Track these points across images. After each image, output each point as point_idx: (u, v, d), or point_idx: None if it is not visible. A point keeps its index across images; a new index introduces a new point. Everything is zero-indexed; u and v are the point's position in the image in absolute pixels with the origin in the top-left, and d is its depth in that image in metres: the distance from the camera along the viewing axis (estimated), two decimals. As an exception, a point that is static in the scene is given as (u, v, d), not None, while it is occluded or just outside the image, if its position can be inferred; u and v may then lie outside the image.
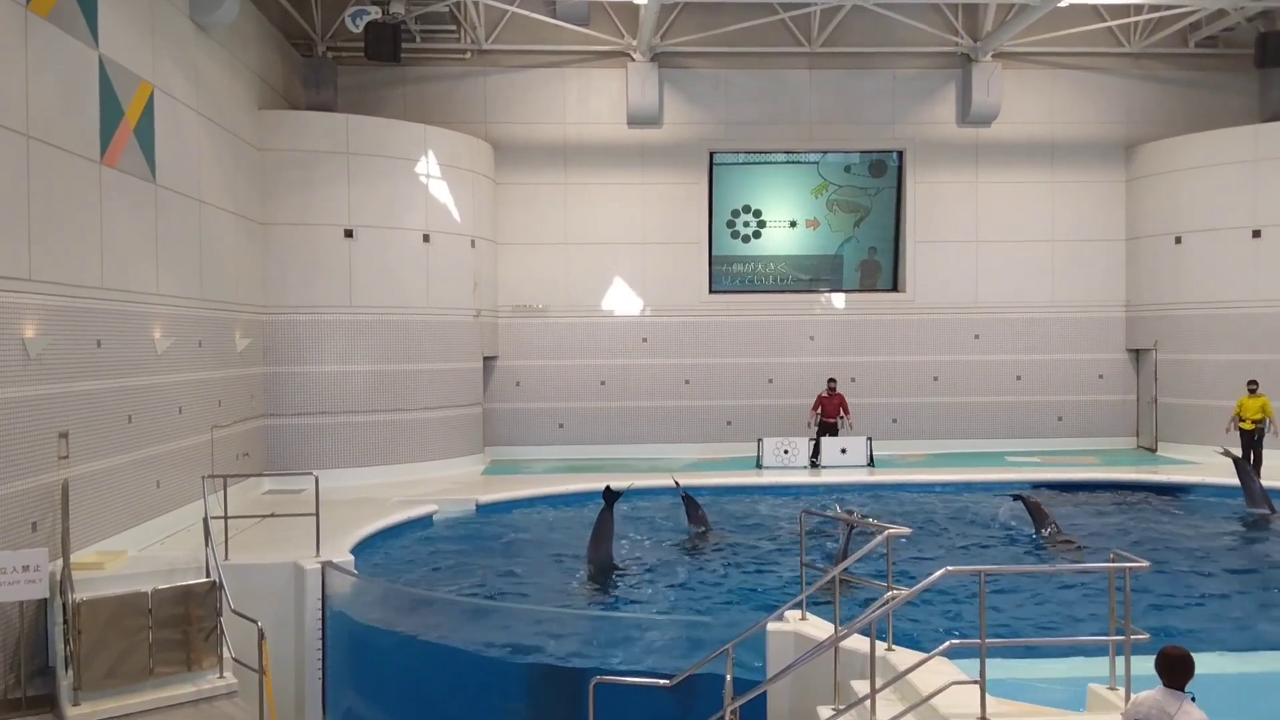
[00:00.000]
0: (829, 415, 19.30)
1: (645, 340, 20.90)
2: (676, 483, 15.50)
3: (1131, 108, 21.37)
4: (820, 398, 19.48)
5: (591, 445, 20.58)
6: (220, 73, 14.73)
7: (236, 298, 15.29)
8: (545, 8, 19.91)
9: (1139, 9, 20.08)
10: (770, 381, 20.97)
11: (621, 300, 20.93)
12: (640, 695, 7.76)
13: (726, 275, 21.60)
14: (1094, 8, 20.25)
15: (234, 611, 9.16)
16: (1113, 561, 6.59)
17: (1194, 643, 6.01)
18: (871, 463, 18.80)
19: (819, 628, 8.15)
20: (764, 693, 7.50)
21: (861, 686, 6.95)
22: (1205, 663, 5.29)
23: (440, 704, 9.30)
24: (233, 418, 14.86)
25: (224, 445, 14.32)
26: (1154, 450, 20.53)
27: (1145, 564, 6.54)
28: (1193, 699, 5.06)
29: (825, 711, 7.07)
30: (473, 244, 19.05)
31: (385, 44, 18.13)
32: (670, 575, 12.31)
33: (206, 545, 10.13)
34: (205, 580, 9.47)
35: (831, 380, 19.63)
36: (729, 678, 7.00)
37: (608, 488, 13.22)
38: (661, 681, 7.43)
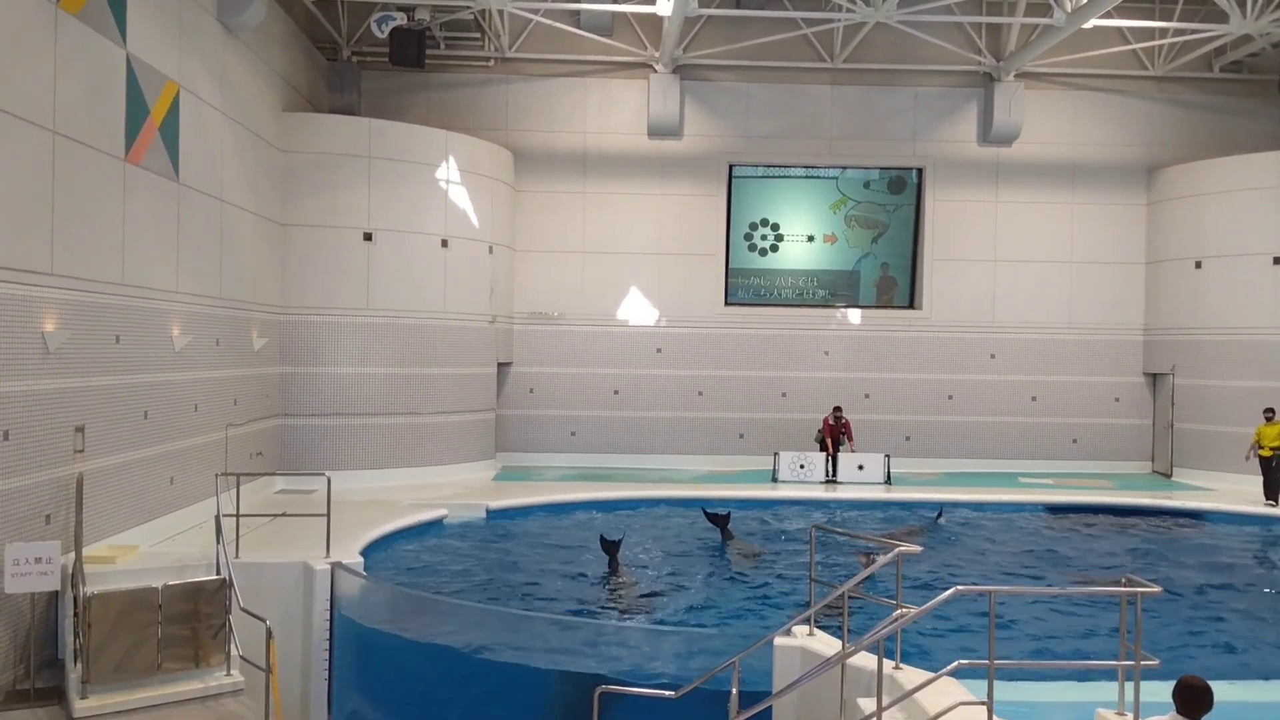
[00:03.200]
0: (832, 438, 19.24)
1: (659, 350, 20.91)
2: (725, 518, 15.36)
3: (1154, 131, 21.28)
4: (826, 424, 19.33)
5: (603, 454, 20.58)
6: (245, 74, 14.85)
7: (255, 297, 15.38)
8: (569, 18, 19.99)
9: (1164, 32, 20.02)
10: (784, 395, 20.93)
11: (637, 310, 20.95)
12: (645, 706, 7.74)
13: (742, 288, 21.59)
14: (1118, 30, 20.21)
15: (243, 610, 9.19)
16: (1125, 586, 6.53)
17: (1203, 670, 5.96)
18: (889, 480, 18.72)
19: (826, 644, 8.11)
20: (769, 707, 7.47)
21: (868, 704, 6.91)
22: (1217, 692, 5.23)
23: (445, 708, 9.31)
24: (247, 416, 14.93)
25: (238, 444, 14.39)
26: (1169, 475, 20.37)
27: (1157, 589, 6.48)
28: (1203, 730, 5.03)
29: (830, 728, 7.03)
30: (490, 250, 19.11)
31: (410, 50, 18.25)
32: (682, 586, 12.29)
33: (218, 543, 10.17)
34: (215, 578, 9.52)
35: (838, 408, 19.50)
36: (734, 691, 6.97)
37: (602, 539, 13.41)
38: (667, 693, 7.41)
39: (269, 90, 16.04)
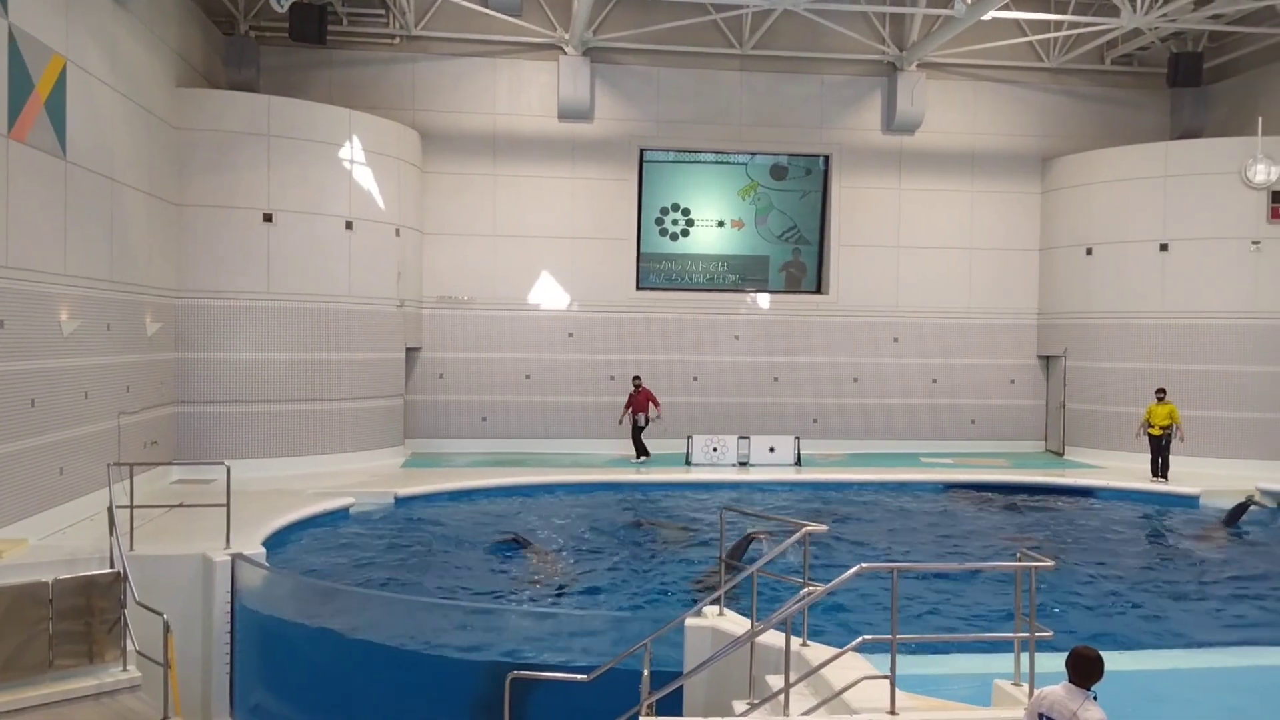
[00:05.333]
0: (639, 410, 19.22)
1: (571, 335, 20.84)
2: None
3: (1049, 121, 22.00)
4: (631, 396, 19.40)
5: (515, 439, 20.44)
6: (137, 48, 14.26)
7: (148, 280, 14.83)
8: (477, -4, 19.71)
9: (1058, 25, 20.68)
10: (695, 379, 21.09)
11: (548, 294, 20.84)
12: (558, 690, 7.75)
13: (654, 272, 21.66)
14: (1016, 22, 20.80)
15: (139, 603, 8.91)
16: (1020, 560, 6.77)
17: (1094, 641, 6.22)
18: (799, 462, 19.04)
19: (736, 623, 8.23)
20: (681, 687, 7.54)
21: (776, 681, 7.03)
22: (1106, 661, 5.46)
23: (352, 699, 9.15)
24: (141, 404, 14.42)
25: (132, 432, 13.88)
26: (1061, 454, 21.18)
27: (1051, 563, 6.73)
28: (1094, 698, 5.23)
29: (740, 705, 7.14)
30: (397, 233, 18.76)
31: (310, 25, 17.76)
32: (596, 570, 12.30)
33: (111, 535, 9.81)
34: (109, 571, 9.21)
35: (636, 377, 19.56)
36: (646, 672, 7.02)
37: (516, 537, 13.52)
38: (579, 676, 7.42)
39: (162, 65, 15.43)
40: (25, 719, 8.18)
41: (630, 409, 19.37)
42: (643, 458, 19.14)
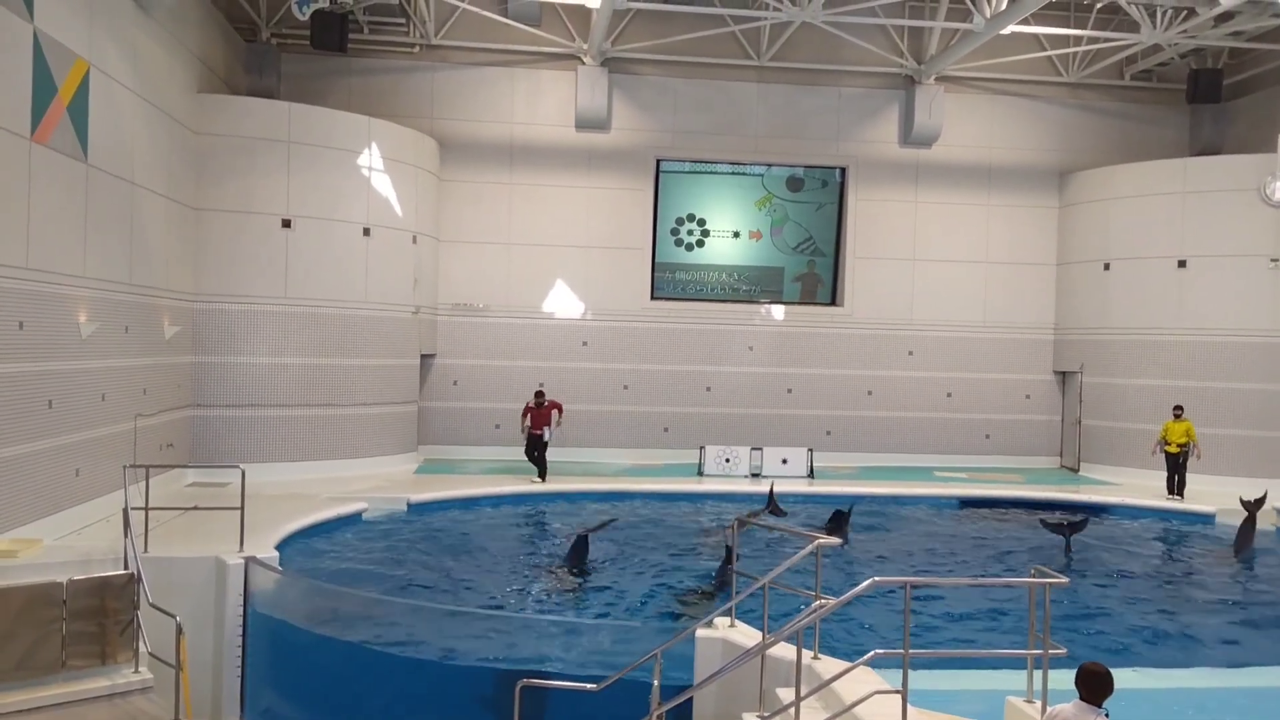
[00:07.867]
0: (536, 426, 17.73)
1: (585, 344, 20.87)
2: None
3: (1067, 136, 21.93)
4: (528, 407, 17.92)
5: (527, 447, 20.43)
6: (159, 53, 14.38)
7: (166, 284, 14.93)
8: (496, 6, 19.81)
9: (1078, 40, 20.65)
10: (708, 390, 21.07)
11: (563, 303, 20.87)
12: (567, 699, 7.74)
13: (669, 282, 21.67)
14: (1035, 37, 20.77)
15: (152, 605, 8.94)
16: (1033, 577, 6.73)
17: (1109, 658, 6.18)
18: (811, 474, 18.99)
19: (747, 635, 8.20)
20: (690, 698, 7.53)
21: (786, 694, 7.01)
22: (1120, 679, 5.43)
23: (362, 705, 9.16)
24: (158, 407, 14.50)
25: (148, 435, 13.96)
26: (1076, 470, 21.05)
27: (1065, 580, 6.69)
28: (1107, 715, 5.20)
29: (750, 718, 7.12)
30: (414, 240, 18.85)
31: (332, 33, 17.88)
32: (612, 582, 12.29)
33: (126, 536, 9.86)
34: (123, 572, 9.26)
35: (540, 390, 18.58)
36: (656, 683, 7.01)
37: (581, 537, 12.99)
38: (589, 686, 7.41)
39: (183, 70, 15.57)
40: (37, 719, 8.22)
41: (528, 419, 17.81)
42: (538, 480, 17.49)
